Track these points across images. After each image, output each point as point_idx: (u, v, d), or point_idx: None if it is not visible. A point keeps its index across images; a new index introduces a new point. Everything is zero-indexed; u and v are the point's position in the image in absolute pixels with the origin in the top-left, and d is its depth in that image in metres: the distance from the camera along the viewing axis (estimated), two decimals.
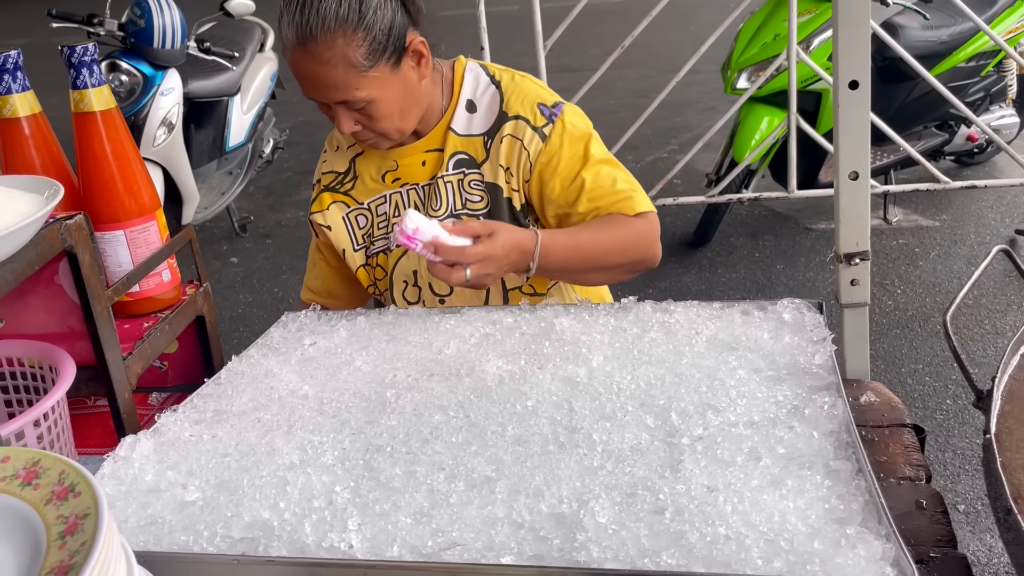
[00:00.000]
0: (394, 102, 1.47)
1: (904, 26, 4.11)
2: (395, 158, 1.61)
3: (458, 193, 1.58)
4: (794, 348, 1.18)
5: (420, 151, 1.59)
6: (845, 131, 1.19)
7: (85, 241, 1.07)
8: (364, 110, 1.45)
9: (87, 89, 1.19)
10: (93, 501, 0.67)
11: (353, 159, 1.65)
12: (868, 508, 0.86)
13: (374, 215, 1.63)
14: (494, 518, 0.89)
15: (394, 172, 1.62)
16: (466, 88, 1.59)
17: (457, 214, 1.58)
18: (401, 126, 1.51)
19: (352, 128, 1.47)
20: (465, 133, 1.57)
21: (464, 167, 1.57)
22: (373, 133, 1.50)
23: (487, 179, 1.57)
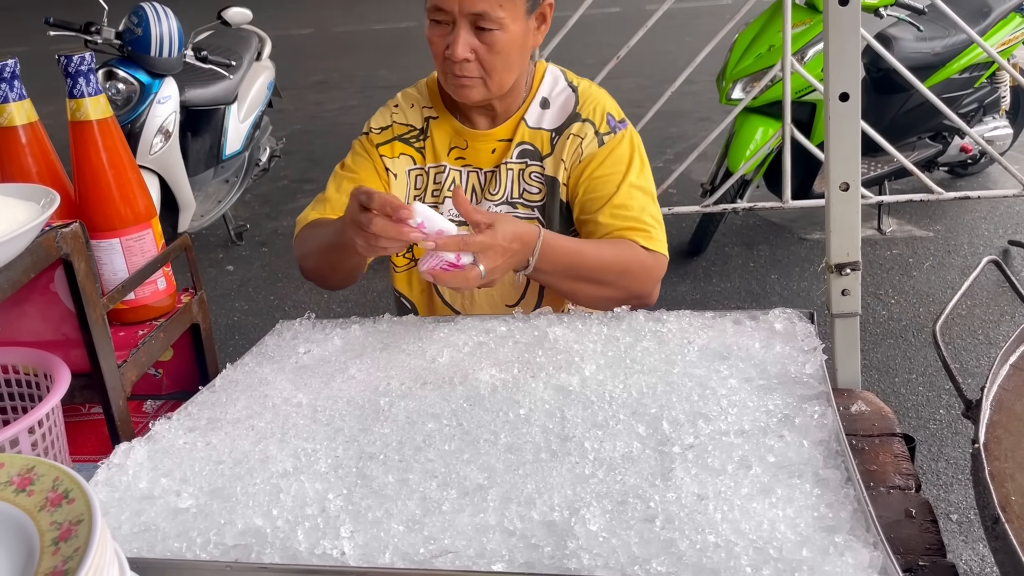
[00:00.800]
0: (514, 44, 1.50)
1: (898, 38, 4.14)
2: (467, 138, 1.64)
3: (517, 182, 1.62)
4: (785, 357, 1.19)
5: (493, 139, 1.63)
6: (836, 143, 1.20)
7: (81, 249, 1.07)
8: (489, 37, 1.47)
9: (84, 98, 1.19)
10: (87, 508, 0.68)
11: (428, 120, 1.66)
12: (856, 516, 0.86)
13: (430, 180, 1.66)
14: (486, 525, 0.90)
15: (462, 151, 1.65)
16: (544, 87, 1.64)
17: (513, 202, 1.62)
18: (503, 76, 1.53)
19: (466, 53, 1.47)
20: (535, 126, 1.62)
21: (528, 158, 1.62)
22: (480, 69, 1.50)
23: (547, 172, 1.62)
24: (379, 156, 1.65)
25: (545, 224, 1.62)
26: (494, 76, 1.51)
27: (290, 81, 7.80)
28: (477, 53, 1.48)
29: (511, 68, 1.53)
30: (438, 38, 1.50)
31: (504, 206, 1.62)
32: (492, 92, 1.55)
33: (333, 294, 4.39)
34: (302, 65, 9.32)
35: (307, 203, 1.72)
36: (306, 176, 6.14)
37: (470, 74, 1.51)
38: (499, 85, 1.54)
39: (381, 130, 1.67)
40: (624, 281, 1.50)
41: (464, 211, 1.32)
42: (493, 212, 1.39)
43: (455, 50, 1.47)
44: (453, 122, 1.65)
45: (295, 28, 11.22)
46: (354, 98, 8.20)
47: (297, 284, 4.52)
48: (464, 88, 1.53)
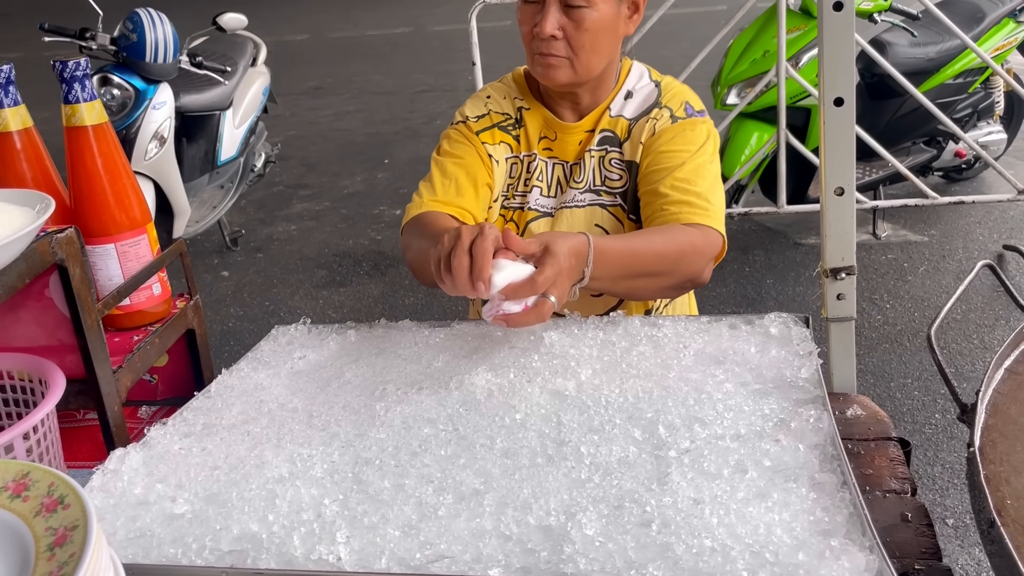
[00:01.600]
0: (603, 25, 1.50)
1: (892, 43, 4.15)
2: (556, 129, 1.65)
3: (599, 169, 1.63)
4: (780, 362, 1.19)
5: (580, 131, 1.64)
6: (831, 148, 1.20)
7: (76, 255, 1.07)
8: (578, 14, 1.47)
9: (79, 104, 1.19)
10: (82, 513, 0.68)
11: (520, 109, 1.67)
12: (852, 520, 0.86)
13: (523, 168, 1.66)
14: (482, 530, 0.90)
15: (551, 142, 1.66)
16: (630, 80, 1.65)
17: (596, 189, 1.63)
18: (590, 58, 1.52)
19: (554, 30, 1.47)
20: (616, 115, 1.63)
21: (608, 144, 1.63)
22: (567, 48, 1.50)
23: (627, 157, 1.62)
24: (480, 143, 1.63)
25: (627, 209, 1.63)
26: (581, 56, 1.51)
27: (285, 87, 7.82)
28: (565, 31, 1.49)
29: (599, 51, 1.53)
30: (528, 17, 1.51)
31: (588, 193, 1.63)
32: (578, 74, 1.54)
33: (328, 299, 4.39)
34: (297, 71, 9.33)
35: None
36: (301, 182, 6.15)
37: (557, 52, 1.51)
38: (586, 68, 1.53)
39: (478, 118, 1.66)
40: (681, 267, 1.46)
41: (521, 249, 1.25)
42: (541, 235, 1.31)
43: (543, 26, 1.47)
44: (544, 111, 1.65)
45: (290, 34, 11.23)
46: (349, 104, 8.21)
47: (292, 290, 4.52)
48: (551, 68, 1.53)
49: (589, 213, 1.64)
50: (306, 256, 4.94)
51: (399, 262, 4.69)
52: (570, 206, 1.64)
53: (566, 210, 1.64)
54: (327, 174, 6.29)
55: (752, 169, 4.07)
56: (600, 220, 1.64)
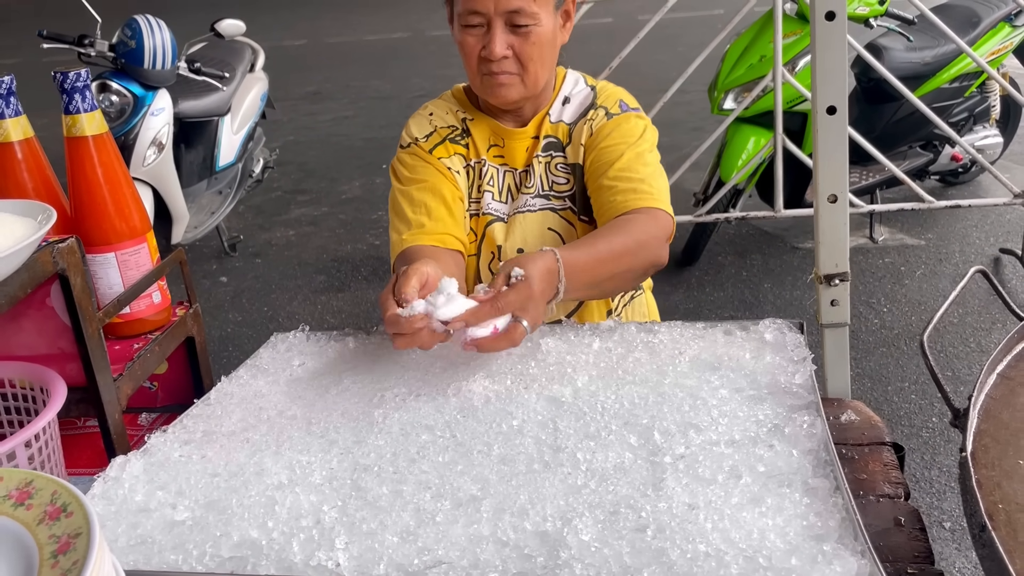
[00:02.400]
0: (547, 38, 1.54)
1: (888, 48, 4.17)
2: (503, 136, 1.67)
3: (546, 175, 1.67)
4: (775, 368, 1.20)
5: (527, 136, 1.67)
6: (824, 155, 1.22)
7: (77, 264, 1.08)
8: (525, 31, 1.50)
9: (80, 114, 1.20)
10: (85, 521, 0.69)
11: (463, 120, 1.69)
12: (845, 525, 0.88)
13: (475, 175, 1.68)
14: (479, 536, 0.91)
15: (500, 148, 1.68)
16: (565, 87, 1.69)
17: (545, 194, 1.67)
18: (539, 71, 1.56)
19: (504, 51, 1.51)
20: (556, 120, 1.67)
21: (552, 149, 1.67)
22: (517, 65, 1.54)
23: (570, 160, 1.66)
24: (437, 159, 1.65)
25: (577, 211, 1.67)
26: (530, 70, 1.54)
27: (283, 92, 7.82)
28: (513, 49, 1.52)
29: (545, 63, 1.57)
30: (472, 40, 1.53)
31: (539, 199, 1.67)
32: (528, 89, 1.58)
33: (327, 304, 4.40)
34: (295, 76, 9.34)
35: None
36: (299, 187, 6.16)
37: (508, 70, 1.54)
38: (534, 81, 1.57)
39: (427, 136, 1.67)
40: (641, 257, 1.48)
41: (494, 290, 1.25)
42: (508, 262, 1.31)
43: (493, 48, 1.50)
44: (489, 120, 1.68)
45: (288, 39, 11.25)
46: (347, 109, 8.22)
47: (291, 295, 4.53)
48: (502, 87, 1.56)
49: (541, 217, 1.67)
50: (305, 261, 4.95)
51: None
52: (523, 211, 1.67)
53: (519, 215, 1.67)
54: (325, 179, 6.30)
55: (749, 173, 4.08)
56: (552, 224, 1.67)
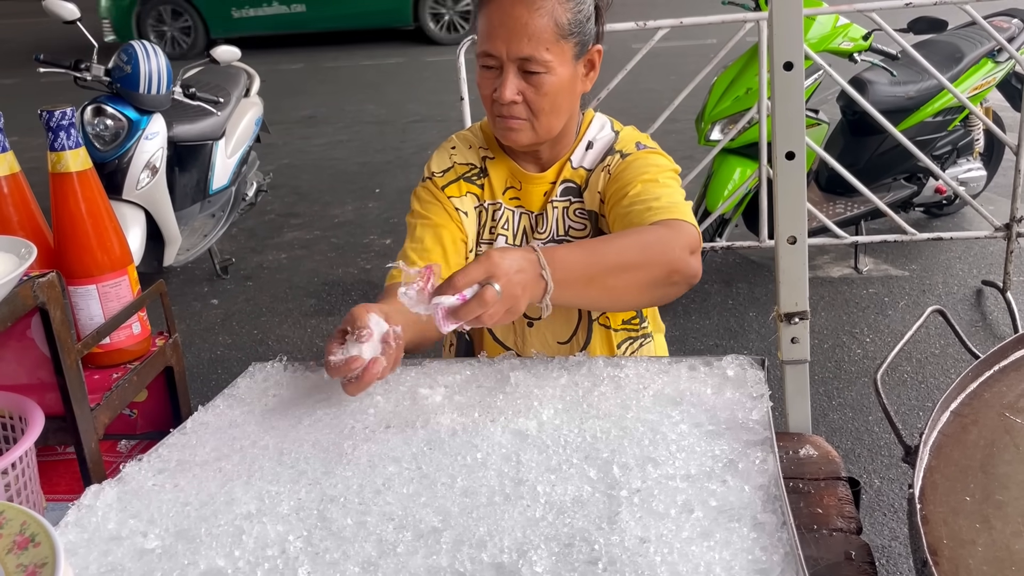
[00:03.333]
0: (561, 87, 1.54)
1: (872, 82, 4.24)
2: (521, 179, 1.68)
3: (562, 220, 1.68)
4: (734, 403, 1.24)
5: (545, 182, 1.68)
6: (783, 199, 1.26)
7: (57, 298, 1.12)
8: (536, 79, 1.51)
9: (64, 151, 1.24)
10: (51, 551, 0.72)
11: (484, 159, 1.70)
12: (788, 560, 0.91)
13: (488, 217, 1.70)
14: (438, 567, 0.94)
15: (516, 191, 1.70)
16: (591, 131, 1.70)
17: (559, 239, 1.68)
18: (550, 119, 1.57)
19: (513, 96, 1.51)
20: (578, 165, 1.68)
21: (571, 195, 1.68)
22: (528, 112, 1.54)
23: (587, 207, 1.67)
24: (447, 198, 1.67)
25: None
26: (541, 118, 1.55)
27: (279, 115, 7.89)
28: (524, 95, 1.53)
29: (558, 112, 1.57)
30: (487, 82, 1.55)
31: (551, 244, 1.66)
32: (539, 136, 1.58)
33: (316, 328, 4.43)
34: (291, 100, 9.40)
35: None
36: (292, 211, 6.20)
37: (518, 116, 1.55)
38: (546, 129, 1.58)
39: (443, 172, 1.69)
40: (651, 255, 1.41)
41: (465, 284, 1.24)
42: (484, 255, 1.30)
43: (502, 92, 1.51)
44: (509, 162, 1.69)
45: (285, 63, 11.33)
46: (342, 133, 8.28)
47: (281, 318, 4.56)
48: (511, 131, 1.57)
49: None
50: (296, 285, 4.98)
51: None
52: None
53: None
54: (318, 203, 6.35)
55: (735, 203, 4.13)
56: None
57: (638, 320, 1.74)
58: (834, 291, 4.34)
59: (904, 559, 2.56)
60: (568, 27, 1.51)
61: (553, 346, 1.73)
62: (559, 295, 1.32)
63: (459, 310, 1.22)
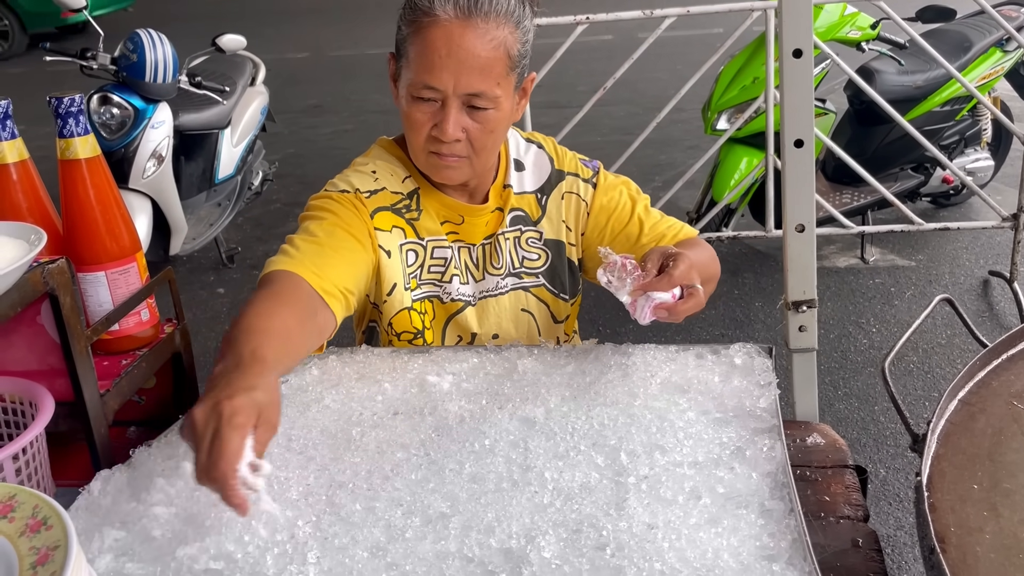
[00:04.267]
0: (504, 121, 1.44)
1: (880, 71, 4.22)
2: (461, 212, 1.54)
3: (515, 250, 1.59)
4: (741, 391, 1.24)
5: (487, 211, 1.56)
6: (791, 186, 1.26)
7: (66, 285, 1.12)
8: (482, 115, 1.39)
9: (74, 138, 1.25)
10: (63, 534, 0.73)
11: (414, 191, 1.53)
12: (796, 546, 0.91)
13: (427, 255, 1.54)
14: (446, 552, 0.95)
15: (455, 226, 1.55)
16: (511, 149, 1.59)
17: (516, 272, 1.59)
18: (490, 155, 1.48)
19: (458, 134, 1.38)
20: (520, 191, 1.58)
21: (520, 224, 1.58)
22: (469, 149, 1.42)
23: (547, 236, 1.59)
24: (373, 228, 1.47)
25: (555, 288, 1.62)
26: (481, 155, 1.44)
27: (284, 105, 7.88)
28: (468, 132, 1.40)
29: (497, 146, 1.48)
30: (422, 115, 1.39)
31: (509, 278, 1.59)
32: (475, 172, 1.47)
33: None
34: (297, 89, 9.40)
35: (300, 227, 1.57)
36: (298, 200, 6.20)
37: (459, 153, 1.42)
38: (483, 165, 1.47)
39: (371, 194, 1.49)
40: (716, 266, 1.53)
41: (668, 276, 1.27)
42: (654, 249, 1.32)
43: (446, 130, 1.37)
44: (440, 195, 1.53)
45: (291, 52, 11.32)
46: (348, 122, 8.28)
47: None
48: (448, 169, 1.44)
49: (514, 298, 1.60)
50: None
51: None
52: (494, 294, 1.59)
53: (491, 299, 1.59)
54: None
55: (741, 193, 4.13)
56: (525, 304, 1.62)
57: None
58: (840, 281, 4.33)
59: (909, 548, 2.57)
60: (517, 58, 1.40)
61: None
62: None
63: (674, 305, 1.28)
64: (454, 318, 1.58)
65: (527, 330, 1.64)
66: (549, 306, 1.64)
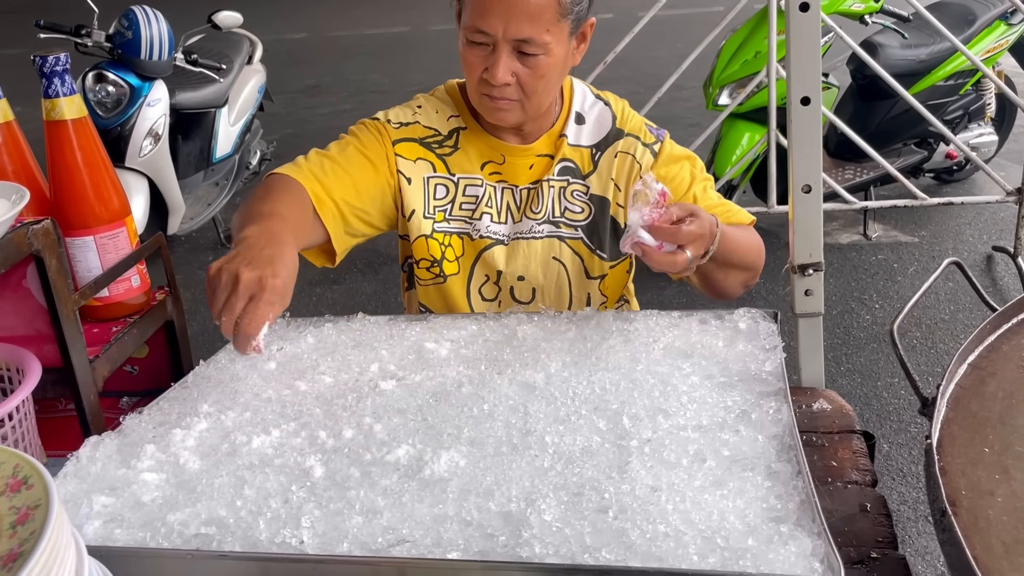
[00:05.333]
0: (555, 67, 1.45)
1: (884, 45, 4.17)
2: (504, 152, 1.58)
3: (559, 200, 1.60)
4: (747, 356, 1.21)
5: (532, 154, 1.58)
6: (797, 146, 1.23)
7: (52, 246, 1.09)
8: (532, 60, 1.41)
9: (59, 98, 1.21)
10: (44, 493, 0.70)
11: (457, 130, 1.58)
12: (803, 508, 0.89)
13: (459, 192, 1.58)
14: (444, 516, 0.92)
15: (498, 166, 1.58)
16: (576, 101, 1.61)
17: (555, 221, 1.60)
18: (542, 99, 1.49)
19: (507, 78, 1.41)
20: (575, 143, 1.59)
21: (569, 175, 1.59)
22: (520, 93, 1.45)
23: (594, 191, 1.60)
24: (394, 153, 1.54)
25: (593, 244, 1.61)
26: (533, 99, 1.47)
27: (282, 85, 7.83)
28: (518, 77, 1.43)
29: (550, 91, 1.50)
30: (476, 59, 1.44)
31: (546, 225, 1.59)
32: (528, 115, 1.51)
33: (321, 297, 4.41)
34: (294, 69, 9.34)
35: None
36: None
37: (509, 97, 1.46)
38: (536, 108, 1.50)
39: (401, 125, 1.56)
40: (756, 259, 1.53)
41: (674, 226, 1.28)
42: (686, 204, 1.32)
43: (495, 74, 1.41)
44: (485, 135, 1.58)
45: (288, 32, 11.25)
46: (346, 103, 8.23)
47: None
48: (500, 112, 1.48)
49: (547, 245, 1.60)
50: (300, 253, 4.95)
51: (392, 260, 4.71)
52: (527, 237, 1.60)
53: (523, 241, 1.60)
54: None
55: (743, 169, 4.09)
56: (557, 253, 1.61)
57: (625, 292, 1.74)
58: (843, 257, 4.30)
59: (913, 523, 2.55)
60: (569, 5, 1.41)
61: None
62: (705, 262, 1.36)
63: (649, 251, 1.27)
64: (483, 255, 1.60)
65: (556, 278, 1.62)
66: (584, 260, 1.62)
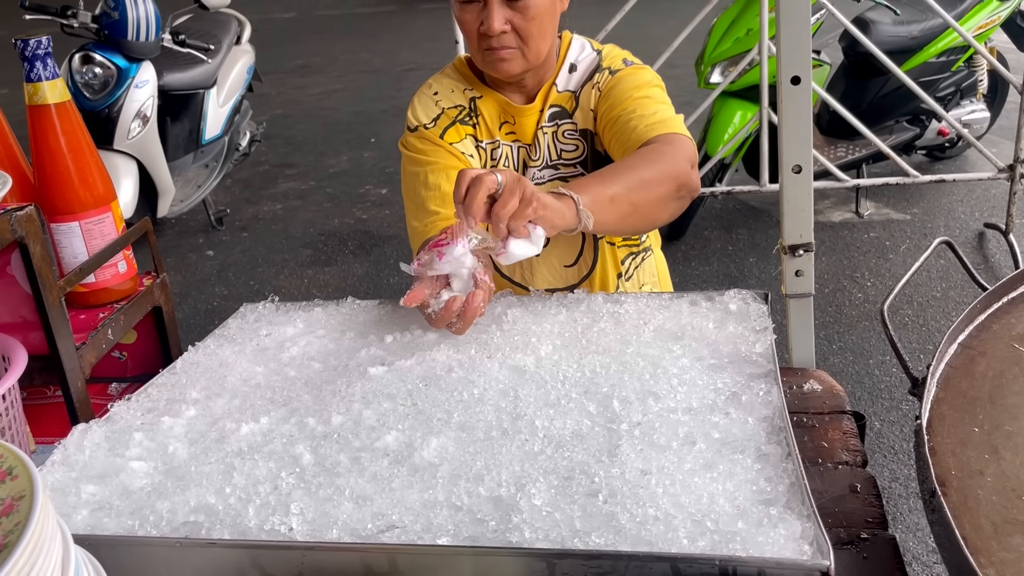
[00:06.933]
0: (545, 9, 1.51)
1: (875, 21, 4.16)
2: (513, 113, 1.65)
3: (553, 144, 1.65)
4: (737, 337, 1.21)
5: (535, 111, 1.65)
6: (788, 126, 1.22)
7: (36, 232, 1.08)
8: (521, 5, 1.48)
9: (41, 82, 1.20)
10: (29, 484, 0.69)
11: (473, 99, 1.66)
12: (793, 490, 0.88)
13: (487, 156, 1.67)
14: (434, 501, 0.92)
15: (511, 125, 1.66)
16: (571, 54, 1.67)
17: (554, 164, 1.66)
18: (539, 43, 1.54)
19: (502, 26, 1.49)
20: (563, 89, 1.65)
21: (557, 118, 1.65)
22: (517, 40, 1.52)
23: (581, 126, 1.65)
24: (449, 144, 1.61)
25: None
26: (531, 44, 1.53)
27: (272, 65, 7.78)
28: (512, 23, 1.50)
29: (545, 34, 1.55)
30: (470, 17, 1.51)
31: (547, 170, 1.66)
32: (530, 62, 1.56)
33: (313, 279, 4.40)
34: (284, 49, 9.28)
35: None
36: (287, 161, 6.13)
37: (508, 45, 1.52)
38: (536, 53, 1.55)
39: (434, 120, 1.64)
40: (661, 169, 1.41)
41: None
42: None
43: (491, 24, 1.48)
44: (498, 96, 1.65)
45: (277, 12, 11.16)
46: (336, 82, 8.18)
47: (277, 269, 4.52)
48: (503, 62, 1.54)
49: (550, 188, 1.58)
50: (291, 235, 4.94)
51: (384, 241, 4.70)
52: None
53: None
54: (313, 153, 6.28)
55: (735, 147, 4.08)
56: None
57: (637, 236, 1.75)
58: (835, 235, 4.30)
59: (904, 500, 2.56)
60: None
61: (561, 271, 1.71)
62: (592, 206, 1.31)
63: (496, 211, 1.19)
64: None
65: None
66: None
